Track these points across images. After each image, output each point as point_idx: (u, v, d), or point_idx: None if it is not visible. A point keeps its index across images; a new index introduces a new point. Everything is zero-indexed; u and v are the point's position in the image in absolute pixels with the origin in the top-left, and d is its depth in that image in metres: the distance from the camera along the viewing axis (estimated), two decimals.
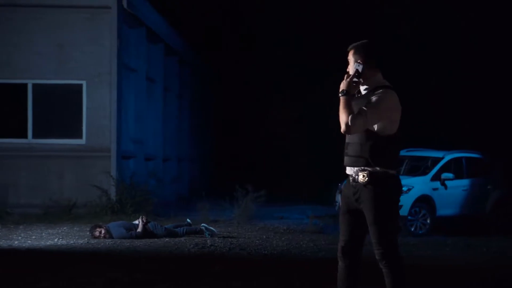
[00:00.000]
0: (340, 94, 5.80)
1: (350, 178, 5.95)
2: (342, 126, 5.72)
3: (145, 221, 12.96)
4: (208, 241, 12.60)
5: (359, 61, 5.89)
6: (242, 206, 16.60)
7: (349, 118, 5.67)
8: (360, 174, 5.82)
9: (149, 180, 18.76)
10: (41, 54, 17.32)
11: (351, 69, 5.93)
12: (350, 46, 6.02)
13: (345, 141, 6.02)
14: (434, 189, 16.33)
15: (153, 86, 21.16)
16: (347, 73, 5.95)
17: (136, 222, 13.14)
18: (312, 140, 30.24)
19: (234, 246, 12.15)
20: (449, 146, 18.66)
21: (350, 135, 5.87)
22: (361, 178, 5.81)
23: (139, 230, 12.85)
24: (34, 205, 16.66)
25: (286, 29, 32.02)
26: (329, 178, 21.48)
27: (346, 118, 5.69)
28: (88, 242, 12.37)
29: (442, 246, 13.51)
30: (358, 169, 5.85)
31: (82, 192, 16.78)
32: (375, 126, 5.77)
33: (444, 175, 16.44)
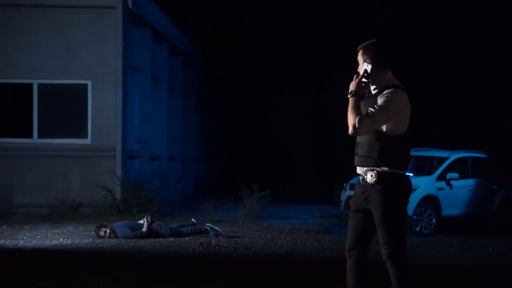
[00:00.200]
0: (349, 95, 5.77)
1: (360, 178, 5.95)
2: (349, 128, 5.70)
3: (150, 220, 12.97)
4: (213, 240, 12.60)
5: (368, 61, 5.87)
6: (247, 206, 16.59)
7: (356, 120, 5.65)
8: (368, 174, 5.81)
9: (154, 180, 18.77)
10: (46, 54, 17.34)
11: (361, 69, 5.91)
12: (359, 46, 5.98)
13: (353, 141, 6.00)
14: (440, 189, 16.30)
15: (158, 86, 21.17)
16: (357, 73, 5.91)
17: (141, 222, 13.15)
18: (317, 140, 30.25)
19: (239, 245, 12.15)
20: (454, 146, 18.63)
21: (360, 135, 5.85)
22: (369, 178, 5.81)
23: (144, 229, 12.86)
24: (39, 204, 16.68)
25: (289, 29, 32.05)
26: (333, 178, 21.49)
27: (353, 120, 5.66)
28: (93, 241, 12.37)
29: (447, 246, 13.49)
30: (367, 169, 5.84)
31: (87, 191, 16.79)
32: (384, 127, 5.75)
33: (449, 175, 16.41)
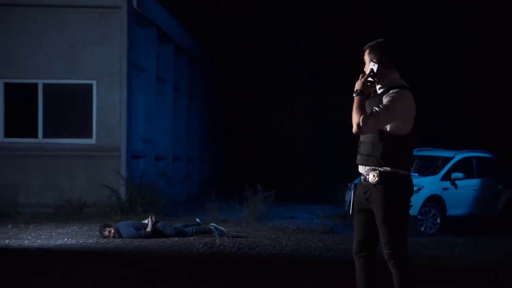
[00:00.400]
0: (354, 94, 5.77)
1: (362, 177, 5.95)
2: (353, 126, 5.70)
3: (154, 220, 12.98)
4: (217, 240, 12.60)
5: (375, 60, 5.86)
6: (251, 206, 16.59)
7: (360, 119, 5.64)
8: (370, 173, 5.81)
9: (159, 179, 18.78)
10: (51, 54, 17.36)
11: (367, 69, 5.90)
12: (366, 46, 5.97)
13: (357, 141, 6.00)
14: (444, 188, 16.28)
15: (163, 86, 21.18)
16: (363, 73, 5.90)
17: (145, 221, 13.15)
18: (321, 139, 30.24)
19: (243, 245, 12.14)
20: (454, 146, 18.61)
21: (363, 134, 5.85)
22: (371, 177, 5.80)
23: (148, 229, 12.87)
24: (44, 204, 16.71)
25: (291, 29, 32.08)
26: (338, 177, 21.48)
27: (358, 118, 5.66)
28: (97, 241, 12.39)
29: (452, 246, 13.46)
30: (369, 168, 5.84)
31: (92, 191, 16.81)
32: (388, 126, 5.74)
33: (454, 175, 16.38)
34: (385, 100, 5.74)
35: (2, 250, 11.36)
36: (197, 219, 14.11)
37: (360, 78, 5.84)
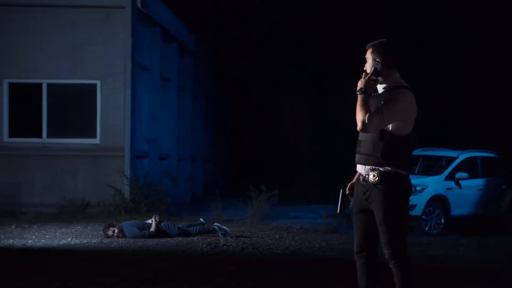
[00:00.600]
0: (358, 92, 5.76)
1: (361, 177, 5.92)
2: (358, 124, 5.68)
3: (158, 220, 12.98)
4: (221, 240, 12.59)
5: (378, 59, 5.85)
6: (255, 205, 16.59)
7: (366, 117, 5.63)
8: (371, 173, 5.79)
9: (163, 179, 18.78)
10: (55, 54, 17.38)
11: (369, 67, 5.88)
12: (369, 44, 5.96)
13: (356, 139, 5.99)
14: (449, 188, 16.26)
15: (167, 85, 21.19)
16: (365, 71, 5.89)
17: (149, 221, 13.15)
18: (325, 139, 30.23)
19: (246, 245, 12.13)
20: (459, 146, 18.59)
21: (362, 133, 5.84)
22: (371, 177, 5.78)
23: (152, 229, 12.87)
24: (48, 204, 16.73)
25: (295, 30, 32.07)
26: (340, 177, 21.45)
27: (363, 116, 5.64)
28: (101, 241, 12.39)
29: (456, 246, 13.44)
30: (369, 168, 5.82)
31: (96, 191, 16.82)
32: (389, 126, 5.73)
33: (458, 175, 16.36)
34: (387, 99, 5.73)
35: (5, 250, 11.37)
36: (201, 219, 14.10)
37: (363, 76, 5.83)
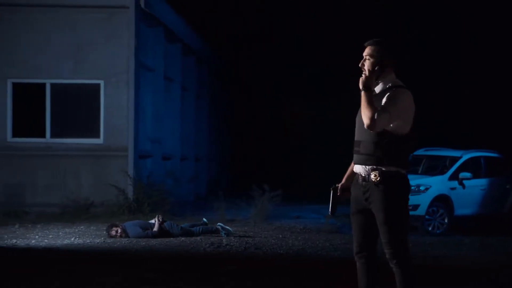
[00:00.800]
0: (363, 90, 5.70)
1: (359, 178, 5.88)
2: (366, 120, 5.60)
3: (161, 220, 12.98)
4: (224, 240, 12.59)
5: (373, 57, 5.81)
6: (258, 205, 16.57)
7: (375, 114, 5.59)
8: (372, 173, 5.75)
9: (166, 179, 18.79)
10: (59, 54, 17.39)
11: (367, 64, 5.82)
12: (369, 42, 5.90)
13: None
14: (452, 188, 16.24)
15: (171, 85, 21.19)
16: (364, 69, 5.82)
17: (152, 221, 13.16)
18: (328, 139, 30.22)
19: (249, 245, 12.12)
20: (460, 146, 18.57)
21: (361, 133, 5.80)
22: (373, 177, 5.74)
23: (155, 229, 12.87)
24: (51, 204, 16.75)
25: (297, 30, 32.07)
26: (341, 177, 21.44)
27: (371, 113, 5.59)
28: (104, 241, 12.39)
29: (459, 246, 13.42)
30: (370, 168, 5.77)
31: (99, 191, 16.83)
32: (390, 125, 5.71)
33: (462, 175, 16.34)
34: (390, 99, 5.70)
35: (9, 250, 11.39)
36: (204, 219, 14.10)
37: (365, 73, 5.78)
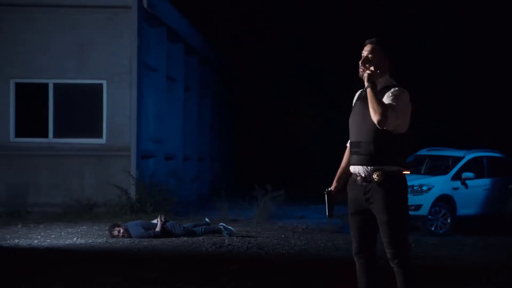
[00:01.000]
0: (369, 86, 5.65)
1: (358, 178, 5.84)
2: (377, 117, 5.54)
3: (163, 220, 12.98)
4: (226, 240, 12.59)
5: (379, 54, 5.80)
6: (261, 205, 16.57)
7: (387, 110, 5.55)
8: (374, 173, 5.72)
9: (169, 179, 18.79)
10: (61, 54, 17.41)
11: (370, 60, 5.78)
12: (371, 40, 5.89)
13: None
14: (455, 188, 16.23)
15: (173, 85, 21.18)
16: (364, 65, 5.78)
17: (154, 221, 13.15)
18: (331, 139, 30.20)
19: (252, 245, 12.12)
20: (463, 146, 18.55)
21: (360, 134, 5.77)
22: (375, 177, 5.72)
23: (158, 229, 12.87)
24: (54, 204, 16.78)
25: (298, 30, 32.08)
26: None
27: (382, 109, 5.55)
28: (106, 241, 12.40)
29: (461, 246, 13.41)
30: (372, 168, 5.75)
31: (102, 191, 16.85)
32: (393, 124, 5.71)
33: (464, 175, 16.32)
34: (393, 98, 5.68)
35: (11, 250, 11.40)
36: (206, 219, 14.10)
37: (370, 70, 5.73)
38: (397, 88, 5.76)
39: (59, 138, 17.44)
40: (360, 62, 5.84)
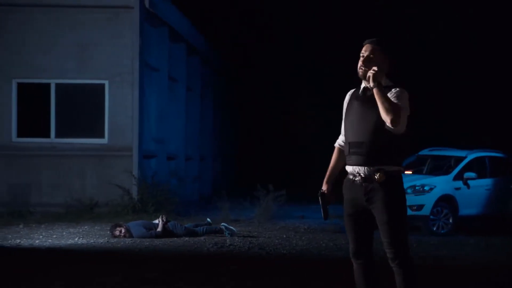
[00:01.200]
0: (375, 86, 5.60)
1: (358, 179, 5.81)
2: (391, 116, 5.47)
3: (165, 220, 12.98)
4: (227, 240, 12.59)
5: (379, 54, 5.78)
6: (262, 205, 16.57)
7: (399, 109, 5.51)
8: (377, 174, 5.70)
9: (170, 179, 18.80)
10: (63, 54, 17.42)
11: (372, 60, 5.74)
12: (371, 40, 5.86)
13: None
14: (457, 188, 16.19)
15: (175, 85, 21.19)
16: (366, 65, 5.73)
17: (156, 221, 13.16)
18: (330, 139, 30.21)
19: (253, 245, 12.11)
20: (460, 146, 18.53)
21: (360, 134, 5.73)
22: (377, 177, 5.69)
23: (159, 229, 12.87)
24: (56, 204, 16.78)
25: (304, 29, 32.06)
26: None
27: (395, 108, 5.50)
28: (108, 241, 12.40)
29: (463, 246, 13.38)
30: (373, 168, 5.72)
31: (103, 191, 16.85)
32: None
33: (466, 175, 16.29)
34: (396, 97, 5.64)
35: (13, 250, 11.40)
36: (208, 219, 14.11)
37: (374, 71, 5.66)
38: (398, 88, 5.74)
39: (61, 138, 17.44)
40: (361, 62, 5.80)
